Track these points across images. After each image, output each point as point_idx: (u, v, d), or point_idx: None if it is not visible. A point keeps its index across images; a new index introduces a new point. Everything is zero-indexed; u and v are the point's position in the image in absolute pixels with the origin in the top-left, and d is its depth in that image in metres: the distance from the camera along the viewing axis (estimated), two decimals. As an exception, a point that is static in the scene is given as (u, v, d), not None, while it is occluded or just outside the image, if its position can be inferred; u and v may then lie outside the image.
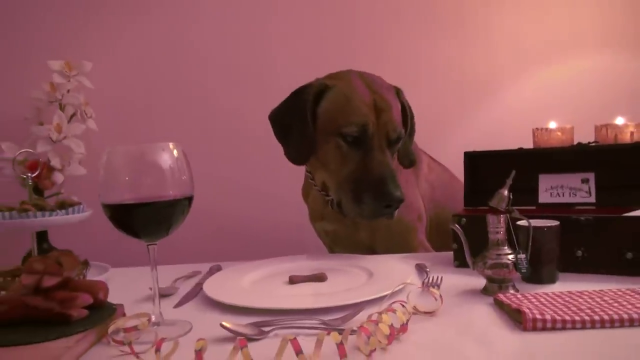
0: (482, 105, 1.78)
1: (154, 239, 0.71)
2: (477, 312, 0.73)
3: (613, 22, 1.76)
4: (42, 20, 1.73)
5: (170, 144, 0.70)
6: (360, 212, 1.05)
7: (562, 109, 1.68)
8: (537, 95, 1.76)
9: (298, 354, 0.56)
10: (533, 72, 1.76)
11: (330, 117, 1.09)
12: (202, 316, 0.78)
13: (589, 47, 1.75)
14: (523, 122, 1.49)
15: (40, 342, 0.62)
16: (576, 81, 1.74)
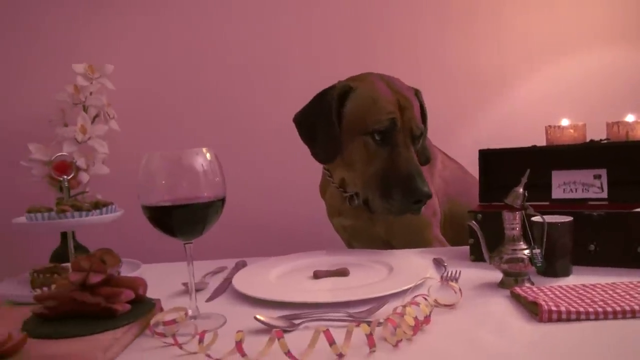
0: (494, 102, 1.81)
1: (190, 238, 0.75)
2: (494, 305, 0.77)
3: (623, 18, 1.77)
4: (64, 24, 1.78)
5: (204, 148, 0.74)
6: (388, 208, 1.09)
7: (574, 106, 1.71)
8: (548, 93, 1.79)
9: (331, 344, 0.60)
10: (544, 69, 1.79)
11: (357, 117, 1.13)
12: (233, 309, 0.83)
13: (600, 44, 1.77)
14: (535, 119, 1.53)
15: (90, 335, 0.67)
16: (587, 78, 1.76)
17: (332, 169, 1.26)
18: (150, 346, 0.69)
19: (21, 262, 1.55)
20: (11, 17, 1.78)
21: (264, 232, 1.80)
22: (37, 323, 0.71)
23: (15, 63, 1.79)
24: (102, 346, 0.64)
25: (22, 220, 0.98)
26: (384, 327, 0.65)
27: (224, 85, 1.83)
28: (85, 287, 0.72)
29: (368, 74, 1.20)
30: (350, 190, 1.23)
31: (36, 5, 1.78)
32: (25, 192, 1.71)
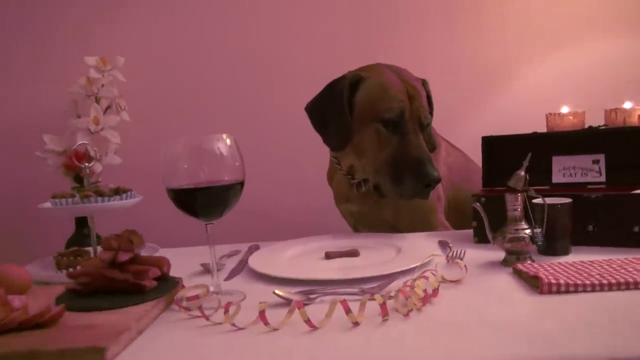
0: (497, 91, 1.85)
1: (211, 219, 0.80)
2: (498, 280, 0.82)
3: (624, 7, 1.81)
4: (76, 18, 1.82)
5: (224, 134, 0.78)
6: (400, 193, 1.14)
7: (574, 94, 1.75)
8: (549, 82, 1.83)
9: (347, 312, 0.65)
10: (545, 59, 1.83)
11: (368, 105, 1.17)
12: (251, 287, 0.88)
13: (599, 34, 1.81)
14: (536, 108, 1.56)
15: (121, 307, 0.72)
16: (587, 67, 1.80)
17: (340, 156, 1.30)
18: (176, 319, 0.74)
19: (37, 249, 1.61)
20: (26, 11, 1.82)
21: (272, 219, 1.85)
22: (70, 298, 0.76)
23: (29, 57, 1.83)
24: (134, 317, 0.69)
25: (47, 205, 1.03)
26: (395, 299, 0.70)
27: (232, 76, 1.87)
28: (115, 264, 0.77)
29: (377, 65, 1.24)
30: (359, 177, 1.28)
31: (49, 0, 1.82)
32: (38, 182, 1.77)
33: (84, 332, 0.64)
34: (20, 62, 1.83)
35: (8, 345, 0.61)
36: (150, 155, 1.81)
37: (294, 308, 0.68)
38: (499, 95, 1.86)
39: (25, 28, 1.83)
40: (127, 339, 0.64)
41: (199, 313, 0.72)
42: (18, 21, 1.83)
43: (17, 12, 1.82)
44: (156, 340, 0.66)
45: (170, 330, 0.70)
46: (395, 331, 0.64)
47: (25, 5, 1.82)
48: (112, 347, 0.60)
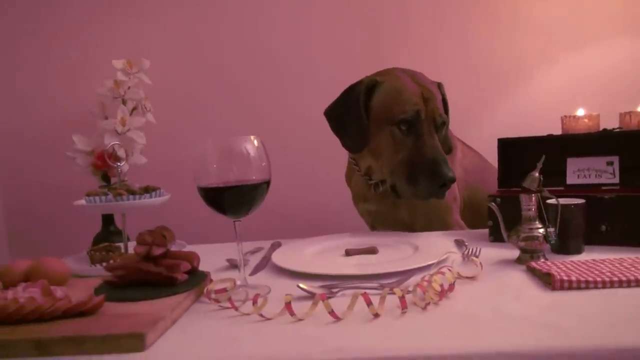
0: (512, 93, 1.88)
1: (239, 216, 0.85)
2: (512, 277, 0.85)
3: (638, 11, 1.82)
4: (103, 22, 1.89)
5: (252, 136, 0.83)
6: (415, 193, 1.17)
7: (589, 96, 1.77)
8: (564, 84, 1.85)
9: (369, 305, 0.69)
10: (561, 61, 1.85)
11: (384, 108, 1.21)
12: (275, 282, 0.92)
13: (615, 36, 1.82)
14: (551, 109, 1.59)
15: (156, 298, 0.77)
16: (603, 70, 1.81)
17: (358, 158, 1.34)
18: (206, 310, 0.79)
19: (65, 245, 1.68)
20: (57, 16, 1.90)
21: (293, 218, 1.90)
22: (107, 290, 0.81)
23: (58, 60, 1.91)
24: (168, 307, 0.73)
25: (82, 202, 1.09)
26: (414, 293, 0.74)
27: (253, 79, 1.93)
28: (149, 258, 0.82)
29: (393, 69, 1.28)
30: (376, 178, 1.32)
31: (78, 4, 1.89)
32: (67, 181, 1.84)
33: (123, 320, 0.69)
34: (51, 65, 1.91)
35: (56, 330, 0.66)
36: (173, 156, 1.89)
37: (318, 300, 0.72)
38: (513, 97, 1.88)
39: (57, 33, 1.91)
40: (163, 327, 0.69)
41: (229, 304, 0.77)
42: (50, 26, 1.90)
43: (49, 17, 1.90)
44: (189, 329, 0.71)
45: (202, 320, 0.74)
46: (414, 322, 0.68)
47: (56, 9, 1.89)
48: (150, 333, 0.65)
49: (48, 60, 1.91)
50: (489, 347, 0.59)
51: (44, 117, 1.91)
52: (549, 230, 0.91)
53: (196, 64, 1.93)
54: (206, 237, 1.43)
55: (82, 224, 1.86)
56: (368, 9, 1.90)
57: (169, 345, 0.66)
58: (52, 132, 1.89)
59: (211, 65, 1.93)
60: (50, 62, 1.91)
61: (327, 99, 1.30)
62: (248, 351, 0.63)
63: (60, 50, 1.91)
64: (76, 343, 0.64)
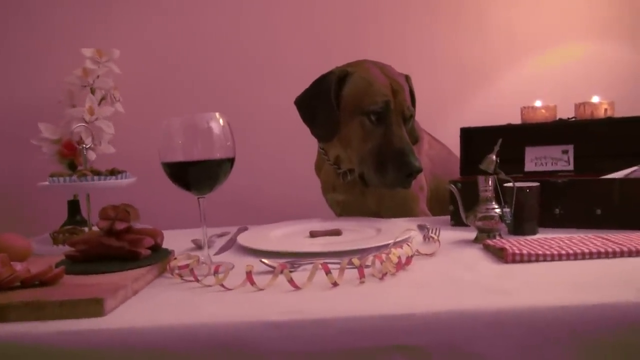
0: (477, 89, 1.93)
1: (203, 192, 0.86)
2: (468, 253, 0.89)
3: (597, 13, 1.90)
4: (73, 10, 1.88)
5: (217, 113, 0.84)
6: (383, 182, 1.20)
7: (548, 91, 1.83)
8: (525, 80, 1.91)
9: (327, 273, 0.71)
10: (522, 60, 1.92)
11: (354, 99, 1.24)
12: (239, 260, 0.93)
13: (571, 37, 1.90)
14: (513, 104, 1.65)
15: (118, 271, 0.78)
16: (560, 68, 1.89)
17: (327, 147, 1.36)
18: (169, 283, 0.80)
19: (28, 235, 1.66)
20: (23, 2, 1.87)
21: (262, 208, 1.90)
22: (68, 264, 0.81)
23: (26, 47, 1.88)
24: (130, 278, 0.74)
25: (46, 184, 1.08)
26: (372, 265, 0.76)
27: (223, 70, 1.94)
28: (112, 233, 0.83)
29: (363, 61, 1.31)
30: (344, 167, 1.34)
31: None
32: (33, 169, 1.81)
33: (83, 288, 0.69)
34: (17, 52, 1.88)
35: (13, 297, 0.66)
36: (141, 146, 1.87)
37: (279, 270, 0.73)
38: (477, 93, 1.94)
39: (23, 19, 1.88)
40: (123, 296, 0.70)
41: (192, 277, 0.78)
42: (16, 12, 1.87)
43: (15, 3, 1.87)
44: (150, 299, 0.72)
45: (164, 292, 0.75)
46: (370, 290, 0.71)
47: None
48: (110, 300, 0.66)
49: (13, 47, 1.88)
50: (440, 307, 0.61)
51: (9, 104, 1.88)
52: (505, 210, 0.94)
53: (166, 54, 1.93)
54: (174, 224, 1.43)
55: (47, 213, 1.83)
56: (341, 9, 1.93)
57: (129, 312, 0.66)
58: (17, 120, 1.86)
59: (181, 56, 1.93)
60: (16, 49, 1.88)
61: (296, 90, 1.32)
62: (207, 316, 0.64)
63: (26, 37, 1.88)
64: (34, 309, 0.64)
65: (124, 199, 1.62)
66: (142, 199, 1.67)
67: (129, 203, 0.89)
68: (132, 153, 1.83)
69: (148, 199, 1.68)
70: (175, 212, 1.62)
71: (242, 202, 1.86)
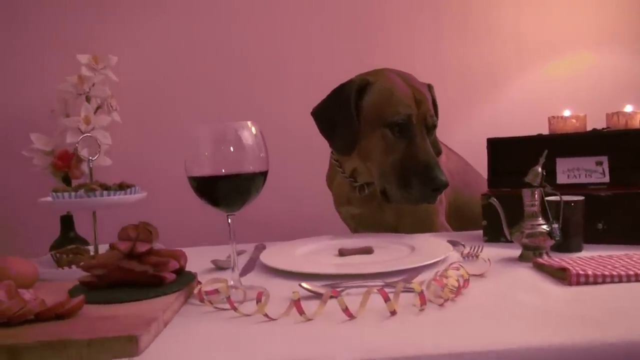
0: (487, 98, 1.88)
1: (233, 209, 0.78)
2: (520, 273, 0.82)
3: (609, 21, 1.87)
4: (66, 15, 1.78)
5: (249, 122, 0.77)
6: (407, 197, 1.12)
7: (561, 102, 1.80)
8: (538, 90, 1.87)
9: (386, 301, 0.64)
10: (534, 68, 1.88)
11: (375, 110, 1.16)
12: (268, 283, 0.85)
13: (586, 45, 1.86)
14: (524, 115, 1.63)
15: (143, 299, 0.69)
16: (575, 76, 1.85)
17: (342, 160, 1.29)
18: (200, 311, 0.71)
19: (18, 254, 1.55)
20: (16, 7, 1.76)
21: (271, 223, 1.82)
22: (83, 291, 0.72)
23: (16, 52, 1.77)
24: (159, 307, 0.65)
25: (47, 199, 0.98)
26: (429, 289, 0.69)
27: (225, 80, 1.85)
28: (133, 255, 0.74)
29: (383, 70, 1.24)
30: (361, 180, 1.27)
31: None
32: (24, 183, 1.70)
33: (109, 322, 0.61)
34: (6, 58, 1.77)
35: (30, 335, 0.57)
36: (139, 158, 1.78)
37: (327, 297, 0.66)
38: (489, 102, 1.88)
39: (13, 24, 1.77)
40: (156, 329, 0.61)
41: (224, 305, 0.70)
42: (7, 16, 1.77)
43: (7, 7, 1.76)
44: (185, 332, 0.63)
45: (198, 322, 0.67)
46: (433, 319, 0.63)
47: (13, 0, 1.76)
48: (144, 336, 0.57)
49: (3, 54, 1.77)
50: (521, 341, 0.54)
51: None
52: (554, 226, 0.88)
53: (165, 63, 1.83)
54: (180, 242, 1.34)
55: (37, 230, 1.72)
56: (347, 17, 1.87)
57: (166, 349, 0.58)
58: (6, 130, 1.75)
59: (181, 65, 1.84)
60: (6, 56, 1.77)
61: (301, 98, 1.25)
62: (260, 353, 0.55)
63: (17, 43, 1.77)
64: (57, 349, 0.55)
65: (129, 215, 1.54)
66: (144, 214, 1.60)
67: (145, 221, 0.81)
68: (128, 165, 1.74)
69: (151, 213, 1.59)
70: (182, 227, 1.53)
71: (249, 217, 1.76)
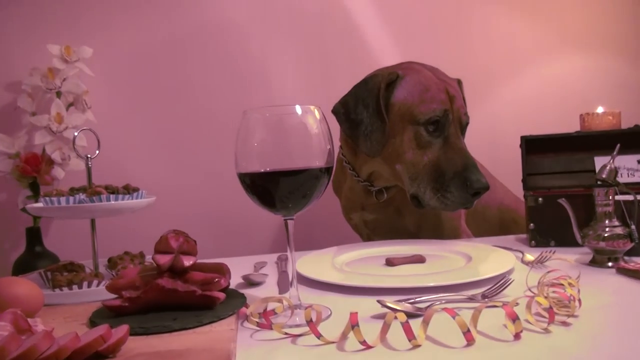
0: (481, 99, 1.82)
1: (292, 212, 0.64)
2: (611, 280, 0.73)
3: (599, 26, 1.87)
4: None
5: (312, 106, 0.64)
6: (444, 202, 1.01)
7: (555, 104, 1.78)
8: (530, 93, 1.83)
9: (514, 321, 0.52)
10: (525, 70, 1.84)
11: (407, 106, 1.05)
12: (323, 300, 0.72)
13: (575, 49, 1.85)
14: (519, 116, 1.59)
15: (196, 327, 0.54)
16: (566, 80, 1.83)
17: (358, 163, 1.18)
18: (263, 338, 0.57)
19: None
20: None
21: (275, 232, 1.67)
22: (107, 318, 0.57)
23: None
24: (224, 338, 0.51)
25: (38, 205, 0.81)
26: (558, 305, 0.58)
27: (211, 77, 1.69)
28: (175, 272, 0.59)
29: (410, 62, 1.14)
30: (380, 184, 1.16)
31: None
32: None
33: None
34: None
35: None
36: (116, 162, 1.58)
37: (431, 315, 0.53)
38: (483, 104, 1.82)
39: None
40: (233, 368, 0.47)
41: (294, 330, 0.56)
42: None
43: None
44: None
45: (275, 355, 0.52)
46: (565, 339, 0.52)
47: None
48: (229, 378, 0.43)
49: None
50: None
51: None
52: (632, 228, 0.80)
53: (145, 58, 1.65)
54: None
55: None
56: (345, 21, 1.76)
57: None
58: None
59: (158, 60, 1.65)
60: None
61: (292, 95, 1.13)
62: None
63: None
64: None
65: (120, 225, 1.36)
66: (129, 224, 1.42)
67: (180, 230, 0.66)
68: (106, 170, 1.54)
69: (138, 224, 1.42)
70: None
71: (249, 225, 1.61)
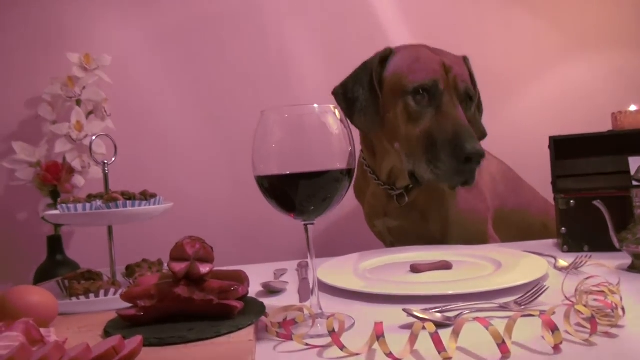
0: (503, 102, 1.76)
1: (312, 216, 0.61)
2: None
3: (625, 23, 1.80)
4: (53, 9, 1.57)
5: (332, 106, 0.61)
6: (436, 174, 0.96)
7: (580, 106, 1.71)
8: (554, 94, 1.77)
9: (553, 331, 0.48)
10: (551, 72, 1.78)
11: (398, 77, 1.04)
12: (346, 308, 0.69)
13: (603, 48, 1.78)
14: (544, 118, 1.54)
15: (214, 337, 0.52)
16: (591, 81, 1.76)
17: (377, 163, 1.15)
18: (283, 349, 0.54)
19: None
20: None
21: (297, 238, 1.64)
22: (124, 328, 0.54)
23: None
24: (243, 349, 0.48)
25: (54, 212, 0.79)
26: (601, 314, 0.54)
27: (228, 83, 1.67)
28: (191, 280, 0.57)
29: (410, 44, 1.14)
30: (401, 184, 1.14)
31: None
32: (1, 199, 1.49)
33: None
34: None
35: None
36: (134, 169, 1.57)
37: (462, 325, 0.50)
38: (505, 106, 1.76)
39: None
40: (252, 381, 0.44)
41: (315, 341, 0.53)
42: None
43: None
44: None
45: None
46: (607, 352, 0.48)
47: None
48: (247, 393, 0.40)
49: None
50: None
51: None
52: (674, 231, 0.75)
53: (163, 65, 1.64)
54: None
55: (19, 253, 1.50)
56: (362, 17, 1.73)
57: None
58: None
59: (174, 64, 1.64)
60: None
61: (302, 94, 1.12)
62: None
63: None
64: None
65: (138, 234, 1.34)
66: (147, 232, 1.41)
67: (197, 236, 0.63)
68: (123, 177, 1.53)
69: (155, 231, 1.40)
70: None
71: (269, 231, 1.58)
